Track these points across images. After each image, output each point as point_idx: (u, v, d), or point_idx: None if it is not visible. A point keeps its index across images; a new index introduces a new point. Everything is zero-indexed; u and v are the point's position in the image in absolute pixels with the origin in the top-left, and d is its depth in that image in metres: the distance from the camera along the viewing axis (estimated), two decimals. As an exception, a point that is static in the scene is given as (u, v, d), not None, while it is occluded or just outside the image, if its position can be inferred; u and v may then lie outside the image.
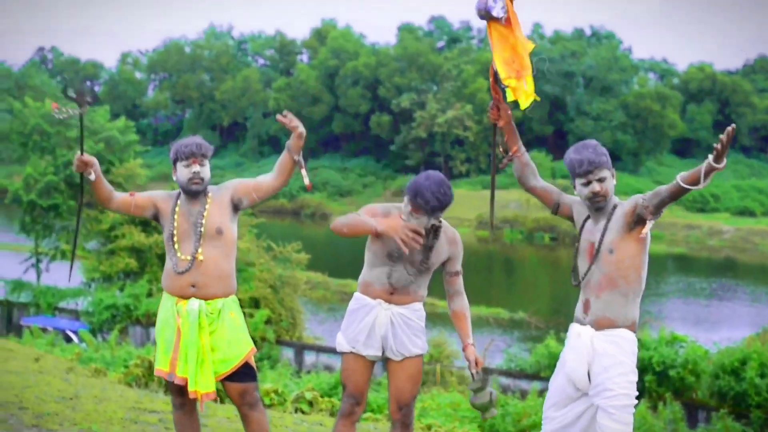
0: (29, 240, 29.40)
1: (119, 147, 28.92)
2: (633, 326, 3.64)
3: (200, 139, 4.15)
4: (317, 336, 23.15)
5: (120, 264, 24.13)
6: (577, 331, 3.69)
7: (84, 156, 3.94)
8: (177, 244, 4.06)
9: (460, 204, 59.25)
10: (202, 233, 4.04)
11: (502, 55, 3.82)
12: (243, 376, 4.05)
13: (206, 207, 4.09)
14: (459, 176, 63.89)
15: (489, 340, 22.64)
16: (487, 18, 3.82)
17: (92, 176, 3.98)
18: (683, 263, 40.93)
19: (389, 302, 4.00)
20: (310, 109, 69.90)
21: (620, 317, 3.61)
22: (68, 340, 20.30)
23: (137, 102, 79.88)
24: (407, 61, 67.11)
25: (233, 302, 4.12)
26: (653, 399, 15.80)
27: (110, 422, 5.37)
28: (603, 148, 3.73)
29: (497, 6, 3.77)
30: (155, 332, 4.23)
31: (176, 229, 4.07)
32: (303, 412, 7.09)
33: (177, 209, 4.11)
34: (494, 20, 3.81)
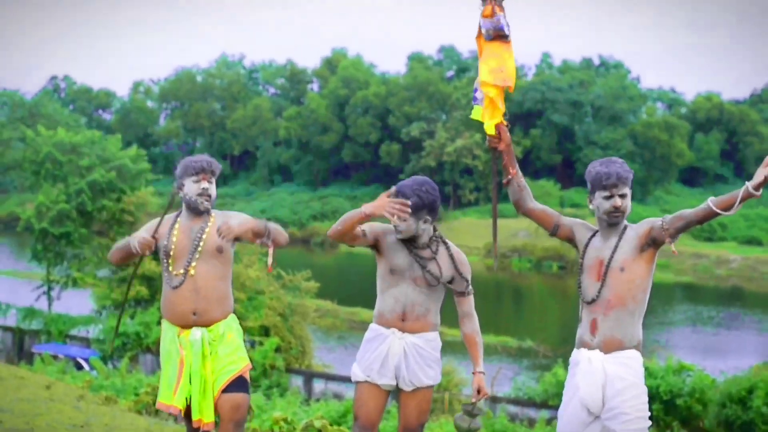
0: (41, 268, 29.36)
1: (131, 175, 29.02)
2: (639, 346, 3.68)
3: (209, 157, 4.12)
4: (326, 364, 23.09)
5: (131, 292, 24.26)
6: (588, 356, 3.69)
7: (150, 241, 3.93)
8: (172, 260, 4.00)
9: (469, 232, 59.67)
10: (200, 249, 3.98)
11: (490, 65, 3.83)
12: (237, 387, 4.00)
13: (208, 225, 4.05)
14: (468, 205, 64.05)
15: (497, 369, 22.60)
16: (494, 37, 3.84)
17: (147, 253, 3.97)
18: (691, 292, 40.83)
19: (402, 330, 4.00)
20: (321, 138, 70.32)
21: (628, 337, 3.64)
22: (79, 368, 20.27)
23: (149, 130, 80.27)
24: (417, 91, 67.47)
25: (232, 321, 4.10)
26: (661, 428, 15.78)
27: (120, 450, 5.40)
28: (626, 165, 3.75)
29: (505, 25, 3.83)
30: (160, 362, 4.18)
31: (174, 245, 4.00)
32: (312, 440, 7.13)
33: (176, 225, 4.05)
34: (500, 40, 3.85)
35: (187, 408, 4.04)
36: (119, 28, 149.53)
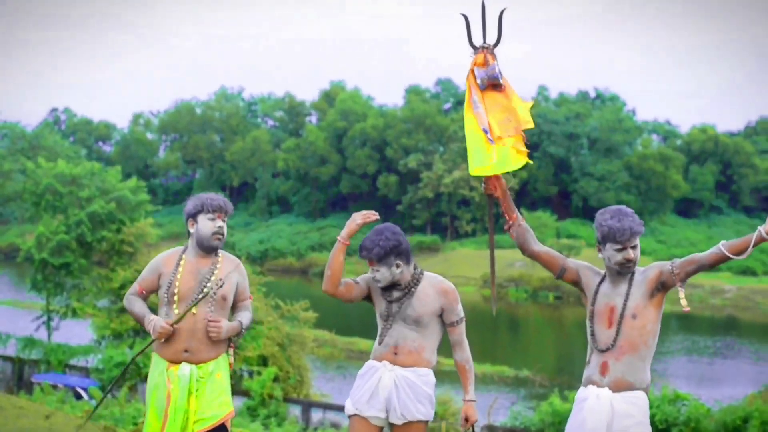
0: (41, 298, 29.36)
1: (130, 206, 29.11)
2: (647, 389, 3.71)
3: (224, 197, 4.12)
4: (324, 393, 23.12)
5: (130, 322, 24.33)
6: (596, 393, 3.68)
7: (170, 331, 3.92)
8: (177, 299, 3.96)
9: (466, 263, 59.77)
10: (207, 292, 3.95)
11: (497, 118, 3.85)
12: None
13: (217, 267, 4.02)
14: (465, 236, 64.23)
15: (494, 398, 22.69)
16: (488, 86, 3.89)
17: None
18: (687, 322, 40.92)
19: (394, 363, 4.01)
20: (319, 170, 70.68)
21: (638, 380, 3.66)
22: (78, 397, 20.31)
23: (149, 162, 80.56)
24: (414, 123, 67.93)
25: (223, 360, 4.07)
26: (656, 457, 15.86)
27: (119, 479, 5.47)
28: (638, 217, 3.73)
29: (498, 74, 3.87)
30: (147, 394, 4.09)
31: (179, 286, 3.96)
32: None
33: (182, 263, 4.00)
34: (494, 89, 3.89)
35: None
36: (119, 61, 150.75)
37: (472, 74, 3.90)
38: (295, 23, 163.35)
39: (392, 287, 4.04)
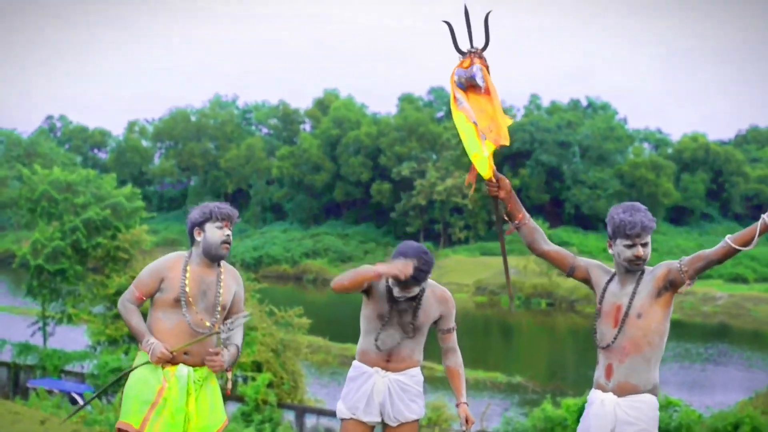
0: (36, 304, 29.29)
1: (125, 213, 29.17)
2: (654, 390, 3.64)
3: (229, 205, 4.10)
4: (318, 399, 23.12)
5: (125, 328, 24.43)
6: (601, 398, 3.66)
7: (169, 357, 3.85)
8: (193, 306, 3.91)
9: (459, 270, 59.89)
10: (219, 303, 3.96)
11: (480, 122, 3.82)
12: None
13: (221, 278, 4.02)
14: (458, 243, 64.48)
15: (486, 404, 22.80)
16: (468, 86, 3.88)
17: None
18: (679, 329, 41.12)
19: (386, 369, 4.07)
20: (313, 177, 70.85)
21: (643, 382, 3.61)
22: (74, 403, 20.32)
23: (143, 169, 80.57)
24: (407, 131, 68.11)
25: None
26: (647, 461, 15.97)
27: (113, 484, 5.66)
28: (650, 214, 3.68)
29: (478, 75, 3.83)
30: (126, 388, 4.00)
31: (189, 288, 3.92)
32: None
33: (188, 271, 3.96)
34: (473, 90, 3.87)
35: None
36: (114, 69, 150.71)
37: (453, 75, 3.93)
38: (289, 32, 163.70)
39: (395, 292, 4.05)
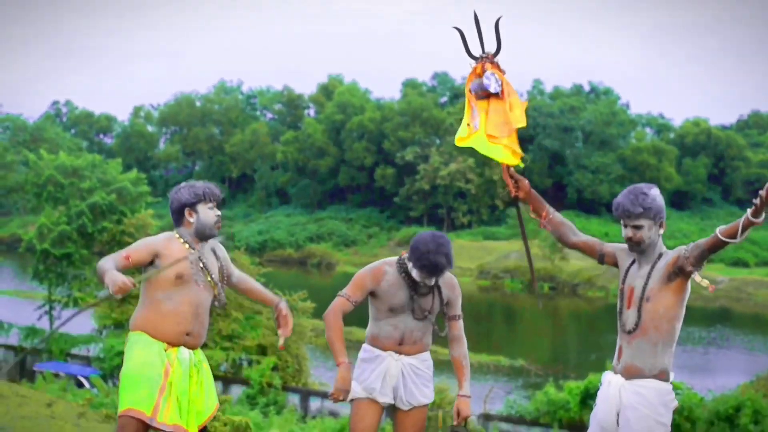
0: (43, 288, 29.46)
1: (131, 198, 29.31)
2: (662, 375, 3.57)
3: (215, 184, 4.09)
4: (322, 382, 23.19)
5: (131, 311, 24.56)
6: (608, 380, 3.68)
7: (129, 289, 3.60)
8: (183, 282, 3.86)
9: (462, 254, 60.04)
10: (215, 279, 3.96)
11: (494, 120, 3.90)
12: None
13: (212, 253, 4.02)
14: (461, 227, 64.68)
15: (490, 387, 22.95)
16: (483, 96, 3.92)
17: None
18: (680, 312, 41.23)
19: (399, 353, 4.10)
20: (317, 162, 70.97)
21: (647, 366, 3.56)
22: (79, 386, 20.52)
23: (149, 154, 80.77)
24: (411, 116, 68.18)
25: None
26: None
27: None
28: (648, 198, 3.65)
29: (491, 82, 3.88)
30: (129, 371, 3.81)
31: (185, 270, 3.87)
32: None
33: (187, 246, 3.93)
34: (491, 96, 3.91)
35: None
36: (120, 55, 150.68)
37: (468, 86, 3.97)
38: (294, 17, 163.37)
39: (417, 283, 4.09)
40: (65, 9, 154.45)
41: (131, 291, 3.63)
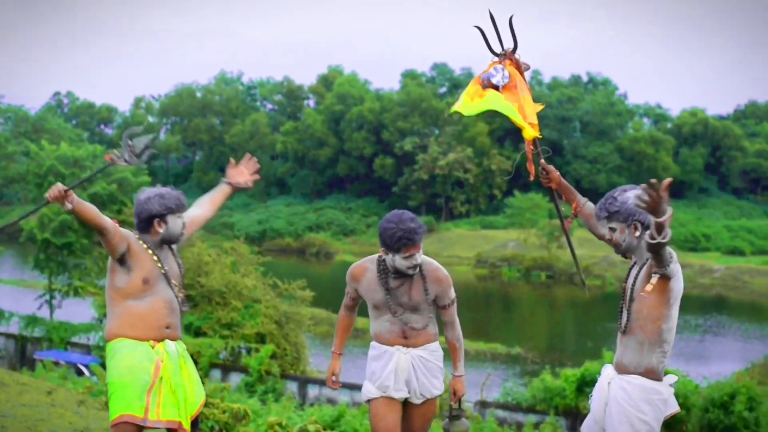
0: (43, 277, 29.60)
1: (132, 188, 29.35)
2: (648, 373, 3.57)
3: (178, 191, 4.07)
4: (321, 370, 23.24)
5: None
6: (604, 372, 3.74)
7: (59, 188, 3.67)
8: (169, 283, 3.93)
9: (460, 243, 59.97)
10: (177, 285, 3.98)
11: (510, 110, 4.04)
12: (195, 425, 4.00)
13: (175, 253, 4.06)
14: (459, 216, 64.93)
15: (487, 375, 23.06)
16: (488, 86, 4.04)
17: (69, 206, 3.71)
18: (676, 301, 41.39)
19: (407, 346, 4.11)
20: (316, 152, 71.11)
21: (633, 364, 3.58)
22: (79, 374, 20.61)
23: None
24: (410, 106, 68.28)
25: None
26: None
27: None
28: (616, 202, 3.65)
29: (498, 75, 3.98)
30: (114, 379, 3.83)
31: (161, 269, 3.92)
32: (306, 444, 7.15)
33: (150, 252, 3.94)
34: (505, 89, 4.02)
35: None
36: (121, 46, 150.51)
37: (479, 77, 4.09)
38: (294, 9, 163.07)
39: (388, 275, 4.09)
40: (66, 0, 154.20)
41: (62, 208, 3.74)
